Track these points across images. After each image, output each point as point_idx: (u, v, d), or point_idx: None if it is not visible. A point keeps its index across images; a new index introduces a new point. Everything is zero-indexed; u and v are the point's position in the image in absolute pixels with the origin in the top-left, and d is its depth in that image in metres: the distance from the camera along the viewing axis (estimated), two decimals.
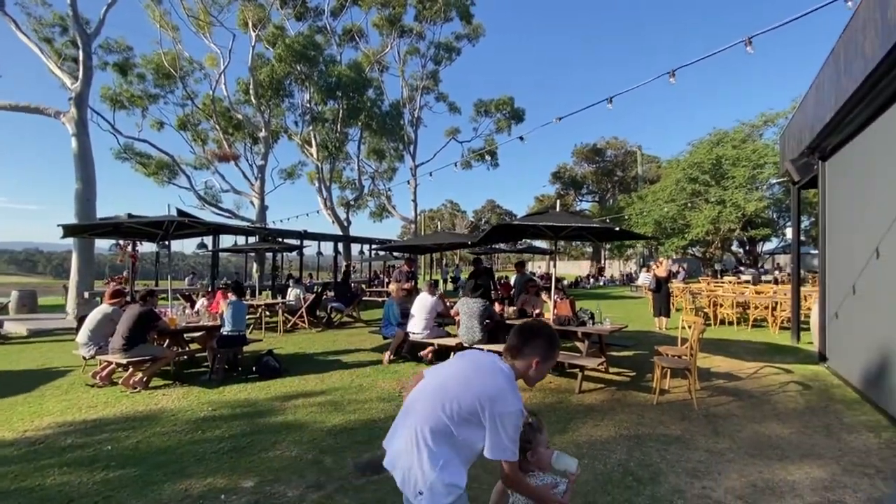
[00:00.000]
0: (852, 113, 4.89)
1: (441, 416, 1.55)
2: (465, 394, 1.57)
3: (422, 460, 1.51)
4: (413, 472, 1.51)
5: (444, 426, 1.54)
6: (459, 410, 1.54)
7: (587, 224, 5.17)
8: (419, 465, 1.51)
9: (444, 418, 1.54)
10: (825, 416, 4.35)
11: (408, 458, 1.54)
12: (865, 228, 4.83)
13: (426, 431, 1.54)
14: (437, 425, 1.54)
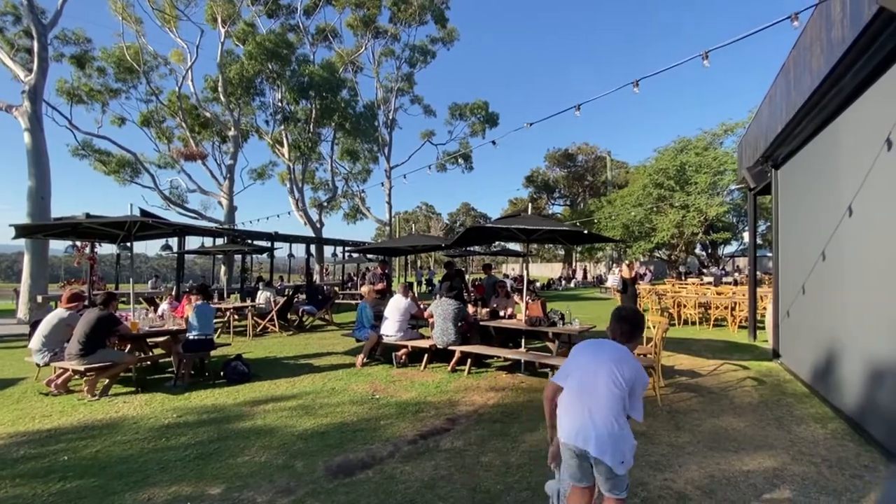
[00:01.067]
0: (801, 124, 5.22)
1: (621, 396, 2.00)
2: (626, 378, 2.03)
3: (621, 436, 1.96)
4: (607, 441, 1.93)
5: (623, 404, 2.01)
6: (624, 388, 2.01)
7: (557, 227, 5.32)
8: (617, 440, 1.94)
9: (622, 398, 2.00)
10: (777, 409, 4.61)
11: (603, 434, 1.94)
12: (813, 232, 5.16)
13: (612, 405, 1.99)
14: (613, 401, 1.99)
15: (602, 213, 24.00)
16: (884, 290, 3.55)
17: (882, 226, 3.57)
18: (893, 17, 2.68)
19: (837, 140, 4.51)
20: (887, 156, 3.36)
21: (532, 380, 5.72)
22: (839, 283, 4.47)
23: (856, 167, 3.93)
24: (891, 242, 3.43)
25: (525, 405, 4.76)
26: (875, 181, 3.63)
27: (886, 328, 3.48)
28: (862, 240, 3.96)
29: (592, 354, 2.18)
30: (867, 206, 3.82)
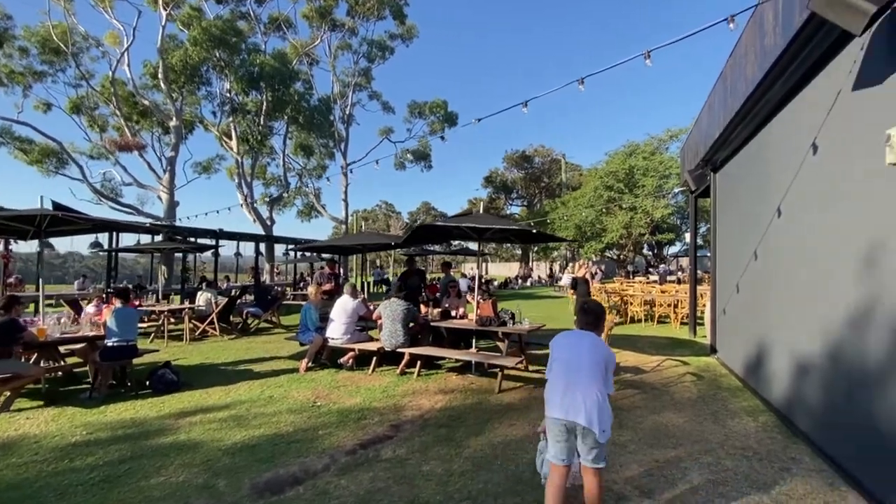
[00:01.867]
0: (736, 130, 5.46)
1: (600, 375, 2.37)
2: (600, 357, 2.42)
3: (603, 407, 2.30)
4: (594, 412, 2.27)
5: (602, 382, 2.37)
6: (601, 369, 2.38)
7: (507, 226, 5.26)
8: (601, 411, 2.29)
9: (601, 377, 2.37)
10: (714, 403, 4.78)
11: (588, 402, 2.28)
12: (746, 233, 5.41)
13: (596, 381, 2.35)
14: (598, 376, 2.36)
15: (557, 213, 24.60)
16: (808, 288, 3.72)
17: (807, 228, 3.75)
18: (823, 22, 2.77)
19: (769, 145, 4.73)
20: (813, 160, 3.52)
21: (482, 380, 5.63)
22: (769, 282, 4.69)
23: (785, 171, 4.12)
24: (815, 243, 3.60)
25: (473, 407, 4.65)
26: (802, 184, 3.81)
27: (811, 326, 3.65)
28: (789, 241, 4.15)
29: (572, 342, 2.55)
30: (794, 208, 4.01)
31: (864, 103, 2.77)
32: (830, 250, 3.32)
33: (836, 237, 3.21)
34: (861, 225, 2.86)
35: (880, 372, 2.67)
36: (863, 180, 2.81)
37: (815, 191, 3.56)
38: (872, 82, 2.65)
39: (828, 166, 3.34)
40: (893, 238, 2.45)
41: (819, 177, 3.49)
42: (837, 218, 3.20)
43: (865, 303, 2.80)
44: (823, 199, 3.43)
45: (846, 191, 3.07)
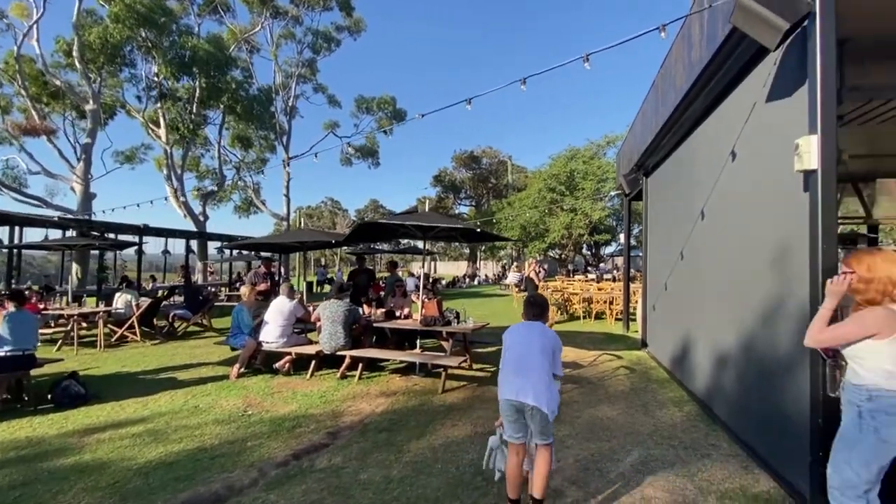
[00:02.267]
0: (666, 136, 5.79)
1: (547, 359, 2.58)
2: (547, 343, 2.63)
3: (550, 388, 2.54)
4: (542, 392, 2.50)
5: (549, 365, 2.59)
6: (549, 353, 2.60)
7: (452, 224, 5.21)
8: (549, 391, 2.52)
9: (548, 360, 2.59)
10: (644, 395, 5.03)
11: (537, 384, 2.51)
12: (674, 234, 5.75)
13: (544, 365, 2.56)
14: (545, 361, 2.57)
15: (503, 213, 25.10)
16: (725, 286, 4.00)
17: (726, 230, 4.02)
18: (743, 37, 2.95)
19: (695, 151, 5.04)
20: (732, 166, 3.77)
21: (426, 381, 5.55)
22: (692, 280, 5.01)
23: (707, 176, 4.40)
24: (732, 244, 3.87)
25: (415, 409, 4.56)
26: (722, 189, 4.08)
27: (727, 321, 3.92)
28: (710, 242, 4.45)
29: (523, 333, 2.74)
30: (715, 211, 4.30)
31: (777, 114, 3.00)
32: (745, 250, 3.57)
33: (750, 239, 3.46)
34: (771, 228, 3.09)
35: (786, 362, 2.90)
36: (774, 186, 3.04)
37: (733, 195, 3.83)
38: (783, 95, 2.87)
39: (744, 173, 3.60)
40: (798, 240, 2.66)
41: (737, 182, 3.75)
42: (752, 221, 3.45)
43: (773, 299, 3.03)
44: (740, 204, 3.69)
45: (760, 195, 3.31)
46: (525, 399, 2.50)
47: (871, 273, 1.90)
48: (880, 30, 3.26)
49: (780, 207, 2.95)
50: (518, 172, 44.75)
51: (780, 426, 2.98)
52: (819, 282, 2.41)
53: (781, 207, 2.92)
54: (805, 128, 2.51)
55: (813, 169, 2.42)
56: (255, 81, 24.52)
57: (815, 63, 2.43)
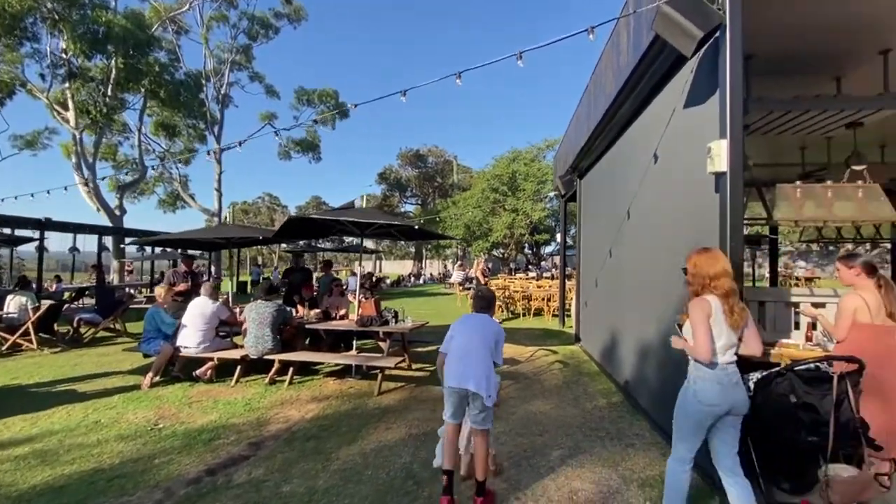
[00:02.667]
0: (598, 140, 6.03)
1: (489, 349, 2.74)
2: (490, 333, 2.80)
3: (490, 376, 2.68)
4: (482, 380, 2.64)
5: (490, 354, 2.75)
6: (490, 343, 2.76)
7: (390, 221, 5.05)
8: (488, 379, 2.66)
9: (490, 350, 2.75)
10: (576, 388, 5.20)
11: (478, 372, 2.65)
12: (604, 233, 6.01)
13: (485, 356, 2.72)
14: (486, 352, 2.73)
15: (448, 213, 25.25)
16: (648, 282, 4.22)
17: (648, 229, 4.24)
18: (665, 44, 3.09)
19: (623, 154, 5.29)
20: (654, 168, 3.97)
21: (362, 384, 5.36)
22: (619, 276, 5.26)
23: (633, 178, 4.62)
24: (654, 242, 4.08)
25: (348, 414, 4.37)
26: (646, 190, 4.30)
27: (650, 315, 4.13)
28: (635, 240, 4.68)
29: (468, 323, 2.89)
30: (639, 211, 4.52)
31: (692, 120, 3.18)
32: (665, 248, 3.78)
33: (670, 237, 3.66)
34: (688, 226, 3.28)
35: None
36: (690, 187, 3.23)
37: (655, 196, 4.04)
38: (698, 102, 3.05)
39: (665, 174, 3.80)
40: (710, 238, 2.83)
41: (658, 183, 3.96)
42: (671, 220, 3.65)
43: None
44: (661, 203, 3.90)
45: (678, 196, 3.51)
46: (467, 386, 2.65)
47: (694, 270, 2.29)
48: (781, 48, 3.58)
49: (695, 207, 3.13)
50: (463, 172, 45.25)
51: None
52: None
53: (697, 207, 3.10)
54: (717, 133, 2.67)
55: (723, 171, 2.57)
56: (182, 65, 22.70)
57: (725, 72, 2.59)
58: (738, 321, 2.17)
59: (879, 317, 2.85)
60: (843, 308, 2.93)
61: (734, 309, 2.17)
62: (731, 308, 2.16)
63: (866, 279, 2.95)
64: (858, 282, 2.98)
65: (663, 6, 2.62)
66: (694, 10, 2.52)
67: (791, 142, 5.33)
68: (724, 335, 2.17)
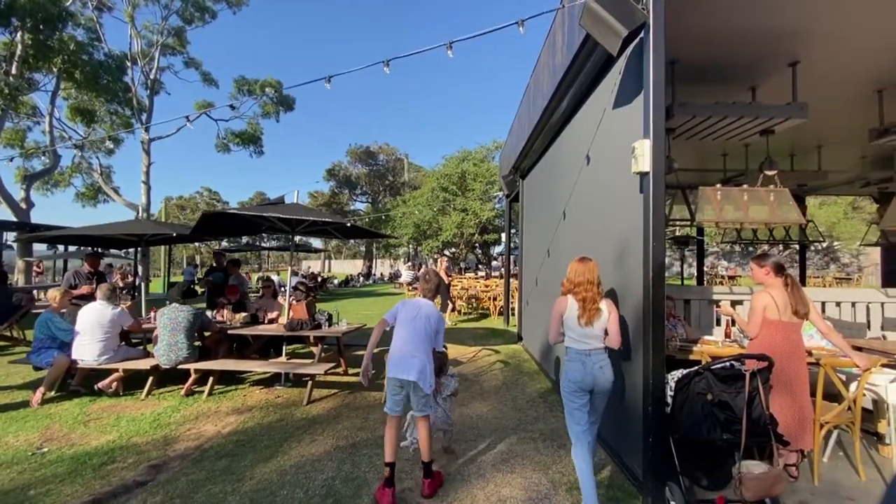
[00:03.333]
0: (537, 140, 6.05)
1: (429, 336, 2.95)
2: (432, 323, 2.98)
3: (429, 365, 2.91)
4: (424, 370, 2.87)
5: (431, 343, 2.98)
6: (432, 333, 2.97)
7: (319, 217, 4.73)
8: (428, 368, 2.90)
9: (429, 338, 2.95)
10: (514, 388, 5.17)
11: (420, 363, 2.86)
12: (542, 233, 6.05)
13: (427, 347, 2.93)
14: (428, 343, 2.95)
15: (398, 211, 24.88)
16: None
17: (582, 228, 4.26)
18: (596, 44, 3.07)
19: (559, 155, 5.32)
20: (587, 169, 3.99)
21: (291, 392, 5.02)
22: (556, 275, 5.28)
23: (568, 178, 4.64)
24: (587, 241, 4.10)
25: (271, 427, 4.04)
26: (579, 190, 4.32)
27: None
28: (570, 239, 4.71)
29: (411, 309, 2.99)
30: (574, 211, 4.55)
31: (620, 121, 3.19)
32: (597, 248, 3.79)
33: (601, 237, 3.68)
34: (616, 226, 3.29)
35: (625, 353, 3.10)
36: (617, 188, 3.24)
37: (587, 196, 4.06)
38: (625, 102, 3.06)
39: (596, 175, 3.82)
40: (635, 235, 2.83)
41: (590, 184, 3.98)
42: (602, 220, 3.67)
43: (618, 293, 3.23)
44: (593, 204, 3.91)
45: (607, 196, 3.52)
46: (408, 376, 2.83)
47: (568, 274, 2.87)
48: (703, 54, 3.70)
49: (622, 208, 3.14)
50: (415, 171, 44.95)
51: (622, 415, 3.18)
52: (650, 276, 2.57)
53: (623, 208, 3.11)
54: (640, 132, 2.67)
55: (646, 171, 2.57)
56: (104, 45, 20.67)
57: (648, 72, 2.59)
58: (589, 320, 2.66)
59: (787, 314, 3.00)
60: (755, 306, 3.06)
61: (587, 310, 2.67)
62: (584, 310, 2.67)
63: (775, 278, 3.09)
64: (768, 280, 3.12)
65: (590, 2, 2.57)
66: (619, 7, 2.49)
67: (713, 148, 5.62)
68: (576, 330, 2.70)
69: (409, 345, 2.88)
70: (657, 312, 2.55)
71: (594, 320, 2.66)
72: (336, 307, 5.89)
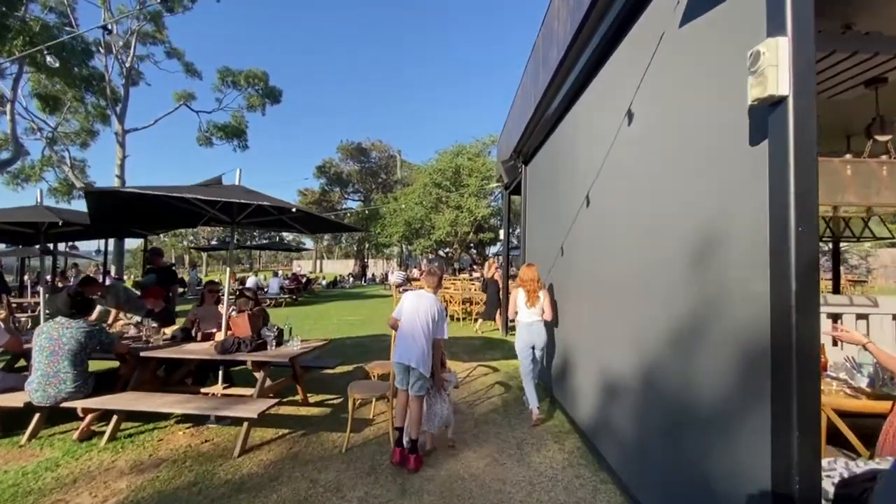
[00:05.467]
0: (549, 109, 4.87)
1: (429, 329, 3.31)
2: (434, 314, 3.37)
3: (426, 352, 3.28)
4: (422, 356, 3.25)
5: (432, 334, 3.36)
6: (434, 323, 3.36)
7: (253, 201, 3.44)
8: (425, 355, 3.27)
9: (429, 330, 3.32)
10: (520, 427, 3.97)
11: (419, 350, 3.24)
12: (552, 228, 4.87)
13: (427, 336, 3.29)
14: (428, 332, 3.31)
15: (388, 208, 23.65)
16: (621, 288, 3.07)
17: (621, 215, 3.09)
18: None
19: (578, 124, 4.15)
20: (627, 131, 2.81)
21: (227, 433, 3.79)
22: (575, 280, 4.11)
23: (595, 150, 3.47)
24: (627, 233, 2.93)
25: (178, 496, 2.82)
26: (615, 162, 3.14)
27: (625, 335, 2.98)
28: (598, 232, 3.54)
29: (414, 301, 3.37)
30: (605, 193, 3.37)
31: (700, 39, 2.02)
32: (647, 239, 2.63)
33: (658, 225, 2.51)
34: (691, 205, 2.12)
35: (717, 404, 1.92)
36: (694, 144, 2.07)
37: (629, 170, 2.89)
38: (712, 4, 1.88)
39: (644, 135, 2.64)
40: (740, 219, 1.67)
41: (633, 151, 2.81)
42: (659, 199, 2.50)
43: (696, 307, 2.06)
44: (640, 178, 2.74)
45: (670, 163, 2.35)
46: (409, 362, 3.22)
47: (519, 274, 4.46)
48: None
49: (706, 173, 1.96)
50: (409, 169, 43.71)
51: (701, 497, 2.00)
52: (790, 287, 1.39)
53: (709, 172, 1.93)
54: (761, 31, 1.49)
55: (783, 95, 1.40)
56: (77, 29, 19.30)
57: None
58: (532, 304, 4.19)
59: None
60: None
61: (530, 298, 4.20)
62: (529, 297, 4.20)
63: None
64: None
65: None
66: None
67: None
68: (525, 310, 4.21)
69: (412, 333, 3.27)
70: (806, 354, 1.37)
71: (535, 304, 4.18)
72: (288, 320, 4.66)
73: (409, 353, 3.22)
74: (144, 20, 22.04)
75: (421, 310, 3.30)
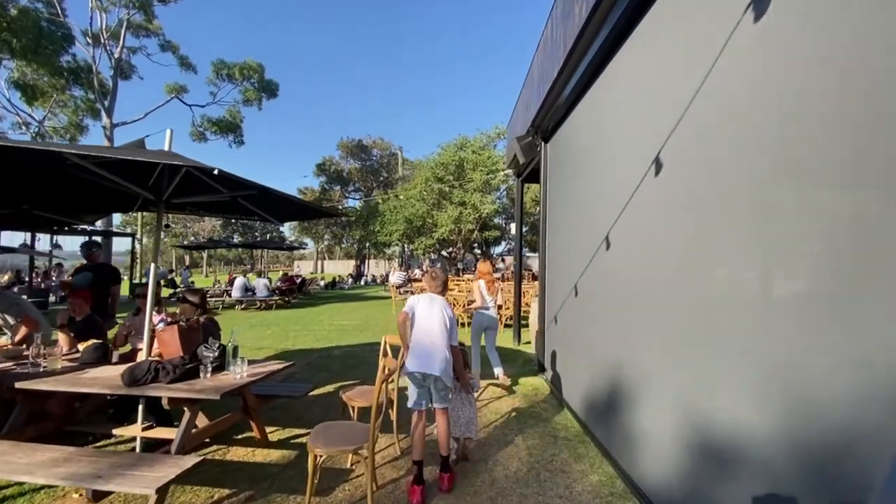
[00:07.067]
0: (578, 68, 3.76)
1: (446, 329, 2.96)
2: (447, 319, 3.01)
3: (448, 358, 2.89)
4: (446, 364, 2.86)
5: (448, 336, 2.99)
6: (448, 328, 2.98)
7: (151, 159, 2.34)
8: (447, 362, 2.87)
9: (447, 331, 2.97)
10: (553, 481, 2.87)
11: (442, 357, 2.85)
12: (587, 216, 3.76)
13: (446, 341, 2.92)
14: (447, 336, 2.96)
15: (387, 205, 22.57)
16: (703, 289, 1.96)
17: (701, 193, 1.99)
18: None
19: (625, 72, 3.03)
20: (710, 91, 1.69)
21: (138, 499, 2.70)
22: (623, 283, 3.00)
23: (656, 112, 2.35)
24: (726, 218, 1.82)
25: None
26: (697, 121, 2.03)
27: (709, 354, 1.86)
28: (665, 217, 2.43)
29: (426, 306, 3.04)
30: (679, 164, 2.26)
31: None
32: (751, 225, 1.52)
33: (764, 205, 1.40)
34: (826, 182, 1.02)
35: None
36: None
37: (718, 129, 1.77)
38: None
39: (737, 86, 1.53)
40: None
41: (726, 111, 1.69)
42: (771, 173, 1.39)
43: (819, 316, 0.95)
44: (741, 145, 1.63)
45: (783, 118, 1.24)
46: (431, 370, 2.81)
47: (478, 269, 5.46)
48: None
49: None
50: (411, 167, 42.68)
51: None
52: None
53: None
54: None
55: None
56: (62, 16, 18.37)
57: None
58: (492, 293, 5.04)
59: None
60: None
61: (490, 288, 5.04)
62: (489, 286, 5.03)
63: None
64: None
65: None
66: None
67: None
68: (486, 298, 4.99)
69: (429, 339, 2.91)
70: None
71: (494, 293, 5.10)
72: (233, 334, 3.56)
73: (430, 361, 2.82)
74: (133, 8, 21.03)
75: (436, 314, 3.00)
